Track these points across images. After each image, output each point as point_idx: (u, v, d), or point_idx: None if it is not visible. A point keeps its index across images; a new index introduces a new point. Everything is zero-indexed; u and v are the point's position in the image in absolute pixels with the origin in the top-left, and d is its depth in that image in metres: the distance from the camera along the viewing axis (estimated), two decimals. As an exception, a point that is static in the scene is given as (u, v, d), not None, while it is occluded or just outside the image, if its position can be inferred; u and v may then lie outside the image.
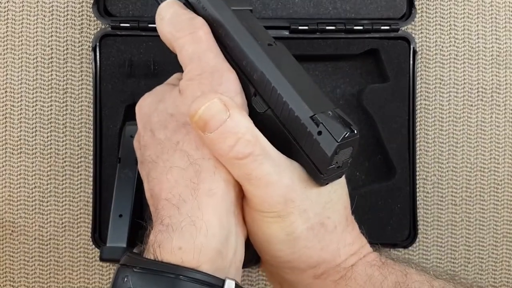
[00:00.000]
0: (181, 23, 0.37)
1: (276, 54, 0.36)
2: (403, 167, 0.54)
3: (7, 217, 0.55)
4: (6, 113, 0.55)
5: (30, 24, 0.55)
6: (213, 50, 0.36)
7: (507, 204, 0.57)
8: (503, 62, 0.58)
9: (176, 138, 0.36)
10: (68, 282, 0.55)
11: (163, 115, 0.37)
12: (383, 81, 0.55)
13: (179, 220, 0.33)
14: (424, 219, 0.57)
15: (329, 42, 0.54)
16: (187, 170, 0.35)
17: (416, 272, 0.38)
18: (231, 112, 0.33)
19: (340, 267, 0.38)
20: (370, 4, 0.55)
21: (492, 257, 0.57)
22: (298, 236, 0.36)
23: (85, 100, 0.55)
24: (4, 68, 0.55)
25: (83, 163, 0.55)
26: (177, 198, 0.34)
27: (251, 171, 0.34)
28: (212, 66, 0.36)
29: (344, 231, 0.38)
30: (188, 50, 0.36)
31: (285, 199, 0.35)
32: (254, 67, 0.35)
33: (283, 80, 0.35)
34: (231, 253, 0.35)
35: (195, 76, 0.36)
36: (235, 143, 0.33)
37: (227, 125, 0.33)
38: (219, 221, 0.34)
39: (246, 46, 0.36)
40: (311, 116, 0.34)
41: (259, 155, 0.34)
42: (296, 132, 0.35)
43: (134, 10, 0.54)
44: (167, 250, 0.33)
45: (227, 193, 0.35)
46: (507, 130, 0.57)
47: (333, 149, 0.33)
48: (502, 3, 0.57)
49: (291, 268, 0.38)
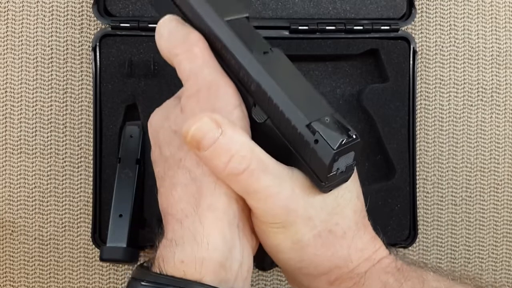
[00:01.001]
0: (177, 40, 0.37)
1: (272, 62, 0.36)
2: (403, 167, 0.54)
3: (7, 217, 0.55)
4: (6, 113, 0.55)
5: (30, 24, 0.55)
6: (209, 65, 0.37)
7: (507, 204, 0.57)
8: (503, 62, 0.58)
9: (179, 155, 0.36)
10: (68, 282, 0.55)
11: (167, 132, 0.37)
12: (383, 81, 0.55)
13: (181, 234, 0.34)
14: (424, 219, 0.57)
15: (329, 42, 0.54)
16: (189, 186, 0.35)
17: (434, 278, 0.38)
18: (223, 129, 0.34)
19: (354, 273, 0.38)
20: (370, 4, 0.55)
21: (492, 257, 0.57)
22: (306, 244, 0.36)
23: (85, 100, 0.55)
24: (4, 68, 0.55)
25: (83, 163, 0.55)
26: (180, 213, 0.35)
27: (249, 186, 0.34)
28: (208, 81, 0.36)
29: (355, 236, 0.38)
30: (185, 67, 0.37)
31: (287, 210, 0.35)
32: (250, 78, 0.36)
33: (278, 89, 0.35)
34: (236, 265, 0.35)
35: (193, 93, 0.36)
36: (229, 160, 0.34)
37: (220, 143, 0.34)
38: (221, 234, 0.34)
39: (241, 57, 0.36)
40: (307, 125, 0.34)
41: (255, 169, 0.34)
42: (295, 141, 0.35)
43: (134, 10, 0.54)
44: (170, 264, 0.33)
45: (229, 207, 0.35)
46: (507, 130, 0.57)
47: (331, 158, 0.33)
48: (502, 3, 0.57)
49: (304, 274, 0.39)
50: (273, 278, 0.56)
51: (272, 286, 0.56)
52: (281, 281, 0.56)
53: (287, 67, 0.37)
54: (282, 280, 0.56)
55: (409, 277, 0.37)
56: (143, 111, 0.53)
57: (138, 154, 0.51)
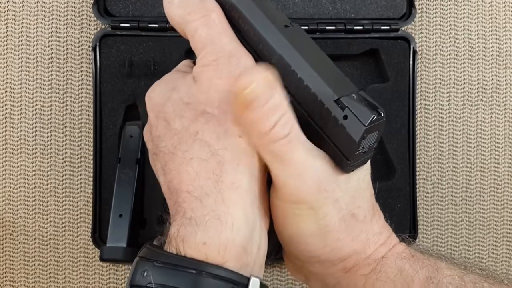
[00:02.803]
0: (192, 6, 0.35)
1: (294, 36, 0.34)
2: (403, 167, 0.54)
3: (7, 217, 0.55)
4: (6, 113, 0.55)
5: (30, 24, 0.55)
6: (228, 33, 0.35)
7: (507, 204, 0.57)
8: (503, 62, 0.58)
9: (195, 128, 0.34)
10: (68, 282, 0.55)
11: (177, 104, 0.35)
12: (383, 81, 0.55)
13: (203, 213, 0.32)
14: (424, 219, 0.57)
15: (329, 42, 0.54)
16: (209, 161, 0.33)
17: (447, 266, 0.37)
18: (277, 90, 0.32)
19: (370, 259, 0.37)
20: (370, 4, 0.55)
21: (492, 257, 0.57)
22: (332, 229, 0.35)
23: (85, 100, 0.55)
24: (4, 68, 0.55)
25: (83, 163, 0.55)
26: (199, 190, 0.32)
27: (287, 153, 0.32)
28: (228, 50, 0.34)
29: (372, 219, 0.37)
30: (201, 34, 0.34)
31: (318, 188, 0.33)
32: (271, 50, 0.34)
33: (304, 62, 0.33)
34: (255, 248, 0.33)
35: (210, 62, 0.34)
36: (276, 122, 0.32)
37: (272, 104, 0.32)
38: (245, 215, 0.32)
39: (261, 28, 0.34)
40: (335, 100, 0.32)
41: (294, 138, 0.32)
42: (320, 117, 0.33)
43: (134, 10, 0.54)
44: (191, 245, 0.31)
45: (251, 185, 0.33)
46: (507, 130, 0.57)
47: (361, 134, 0.32)
48: (502, 3, 0.57)
49: (320, 261, 0.37)
50: (273, 278, 0.56)
51: (272, 286, 0.56)
52: (281, 281, 0.56)
53: (309, 42, 0.35)
54: (282, 280, 0.56)
55: (423, 265, 0.36)
56: (143, 111, 0.53)
57: (138, 154, 0.51)
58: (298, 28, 0.36)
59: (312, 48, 0.35)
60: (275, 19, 0.34)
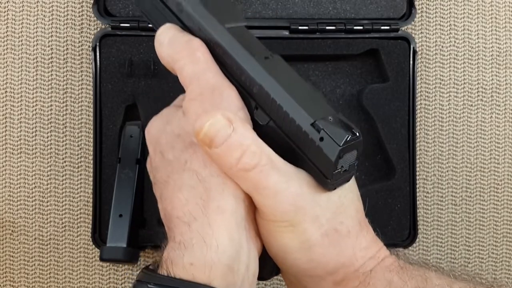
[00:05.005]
0: (179, 46, 0.38)
1: (273, 67, 0.37)
2: (403, 167, 0.54)
3: (7, 217, 0.55)
4: (6, 113, 0.55)
5: (30, 24, 0.55)
6: (211, 69, 0.37)
7: (507, 204, 0.57)
8: (503, 62, 0.58)
9: (184, 158, 0.37)
10: (68, 282, 0.55)
11: (170, 136, 0.38)
12: (383, 81, 0.55)
13: (190, 237, 0.34)
14: (424, 219, 0.57)
15: (329, 42, 0.54)
16: (197, 188, 0.35)
17: (436, 276, 0.38)
18: (235, 126, 0.34)
19: (359, 272, 0.38)
20: (370, 4, 0.55)
21: (492, 257, 0.57)
22: (314, 244, 0.37)
23: (85, 100, 0.55)
24: (4, 68, 0.55)
25: (83, 163, 0.55)
26: (188, 216, 0.35)
27: (259, 182, 0.35)
28: (211, 84, 0.37)
29: (359, 235, 0.38)
30: (188, 71, 0.37)
31: (295, 207, 0.35)
32: (252, 81, 0.36)
33: (281, 90, 0.36)
34: (243, 268, 0.35)
35: (196, 96, 0.37)
36: (241, 155, 0.34)
37: (232, 139, 0.34)
38: (230, 237, 0.34)
39: (243, 61, 0.37)
40: (311, 123, 0.35)
41: (265, 165, 0.35)
42: (299, 140, 0.35)
43: (134, 10, 0.54)
44: (179, 266, 0.34)
45: (237, 208, 0.35)
46: (507, 130, 0.57)
47: (336, 154, 0.34)
48: (502, 3, 0.57)
49: (310, 276, 0.39)
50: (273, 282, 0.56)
51: (272, 286, 0.56)
52: (281, 280, 0.56)
53: (288, 71, 0.38)
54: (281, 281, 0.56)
55: (412, 276, 0.38)
56: (143, 111, 0.53)
57: (138, 154, 0.51)
58: (278, 59, 0.38)
59: (291, 77, 0.38)
60: (255, 52, 0.37)
